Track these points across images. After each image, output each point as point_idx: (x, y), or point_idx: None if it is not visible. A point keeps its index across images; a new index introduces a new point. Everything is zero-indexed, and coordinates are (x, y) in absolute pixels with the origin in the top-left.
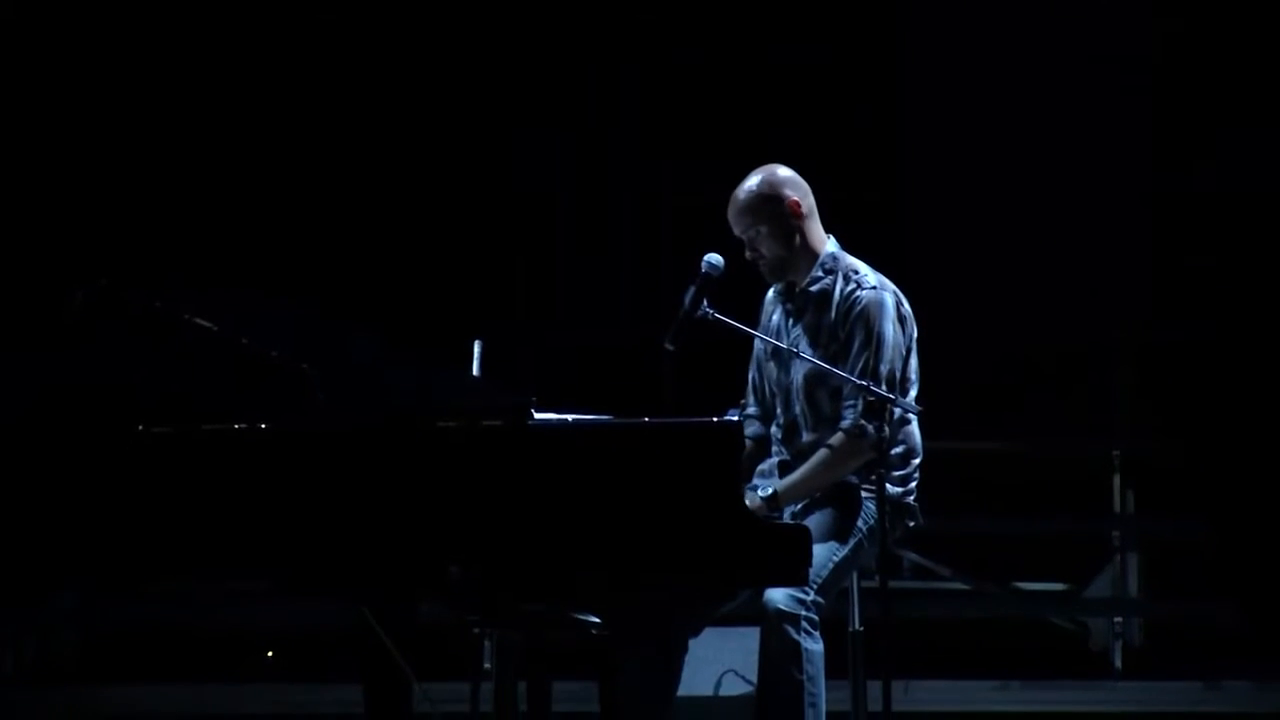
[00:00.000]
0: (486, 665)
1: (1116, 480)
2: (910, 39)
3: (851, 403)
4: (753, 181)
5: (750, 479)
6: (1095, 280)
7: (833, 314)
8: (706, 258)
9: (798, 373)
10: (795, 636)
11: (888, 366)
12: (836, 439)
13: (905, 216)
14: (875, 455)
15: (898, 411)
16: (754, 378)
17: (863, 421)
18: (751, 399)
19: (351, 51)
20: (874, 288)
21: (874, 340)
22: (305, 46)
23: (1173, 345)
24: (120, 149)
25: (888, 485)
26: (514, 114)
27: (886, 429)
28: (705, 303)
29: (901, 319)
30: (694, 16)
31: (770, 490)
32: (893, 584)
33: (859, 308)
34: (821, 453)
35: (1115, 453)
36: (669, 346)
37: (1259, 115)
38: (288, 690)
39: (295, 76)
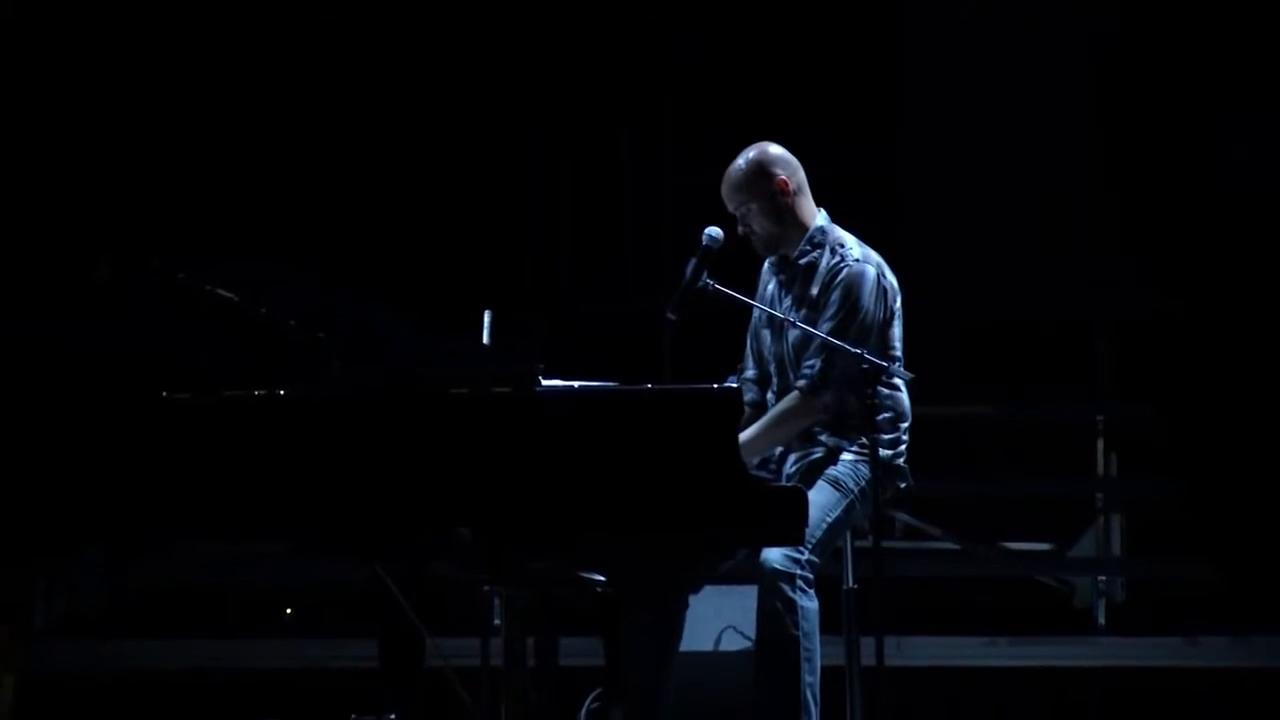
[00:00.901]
0: (496, 621)
1: (1100, 444)
2: (908, 16)
3: (811, 362)
4: (743, 160)
5: None
6: (1081, 253)
7: (817, 285)
8: (706, 231)
9: (789, 341)
10: (791, 594)
11: (858, 335)
12: (790, 396)
13: (902, 193)
14: (827, 416)
15: (884, 386)
16: (751, 345)
17: (819, 380)
18: (750, 364)
19: (362, 30)
20: (858, 260)
21: (849, 307)
22: (312, 24)
23: (1153, 317)
24: (144, 123)
25: (879, 448)
26: (529, 96)
27: (862, 396)
28: (705, 274)
29: (883, 291)
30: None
31: None
32: (885, 544)
33: (840, 278)
34: (773, 409)
35: (1099, 418)
36: (671, 316)
37: (1241, 99)
38: (306, 645)
39: (307, 53)
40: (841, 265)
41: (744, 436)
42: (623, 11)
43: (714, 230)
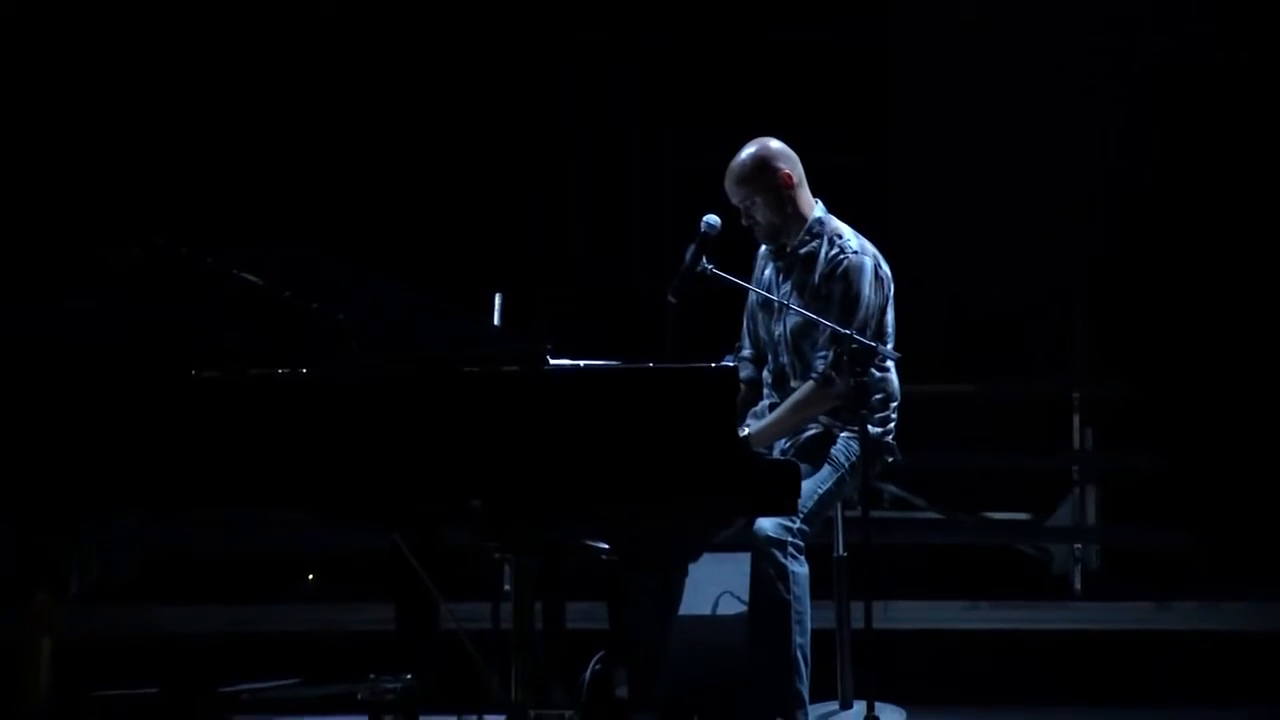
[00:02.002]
0: (506, 587)
1: (1076, 419)
2: (899, 6)
3: (824, 354)
4: (747, 155)
5: (744, 419)
6: (1057, 238)
7: (817, 274)
8: (705, 219)
9: (785, 326)
10: (783, 561)
11: (861, 324)
12: (807, 386)
13: (889, 183)
14: (841, 402)
15: (876, 369)
16: (748, 326)
17: (831, 372)
18: (747, 344)
19: (374, 17)
20: (856, 251)
21: (852, 299)
22: (323, 6)
23: (1128, 298)
24: (167, 107)
25: (869, 426)
26: (532, 85)
27: (853, 376)
28: (704, 259)
29: (879, 279)
30: None
31: (745, 432)
32: (873, 514)
33: (841, 269)
34: (791, 397)
35: (1075, 394)
36: (671, 299)
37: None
38: (326, 609)
39: (320, 36)
40: (841, 256)
41: (763, 423)
42: (623, 8)
43: (712, 218)
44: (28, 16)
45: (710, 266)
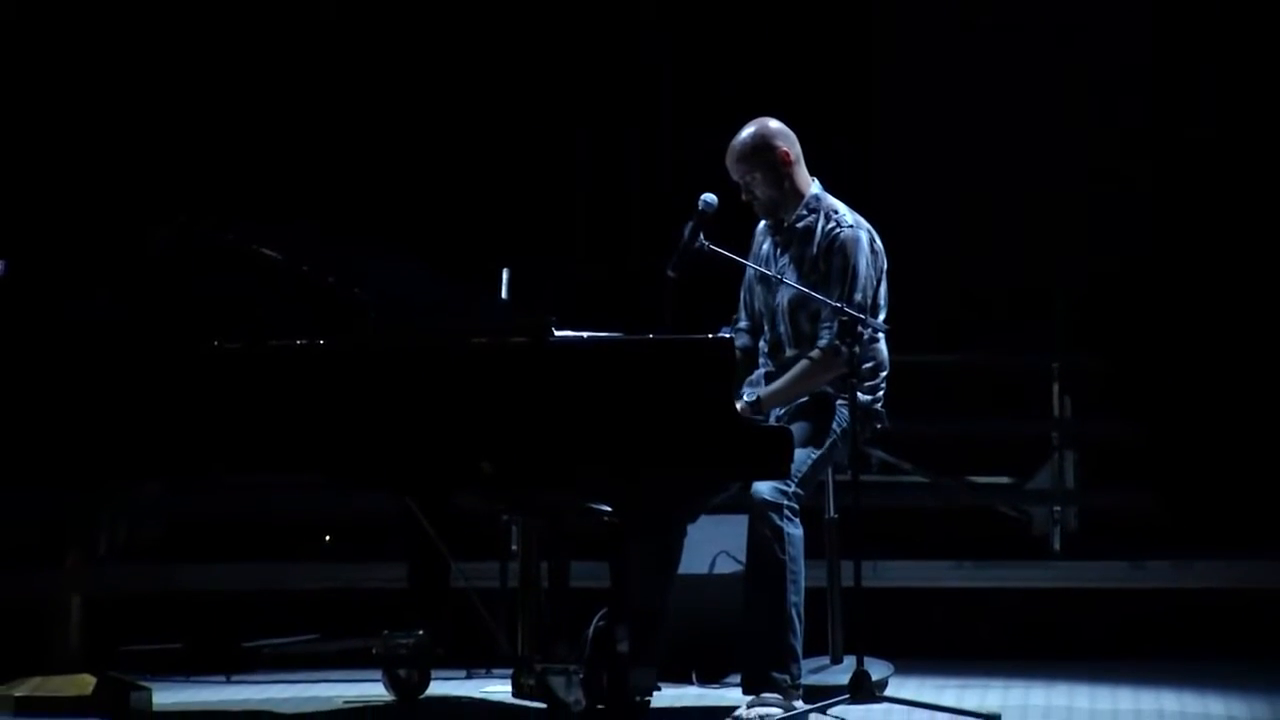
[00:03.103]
0: (514, 547)
1: (1056, 388)
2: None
3: (828, 325)
4: (747, 134)
5: (740, 388)
6: (1037, 219)
7: (814, 248)
8: (703, 197)
9: (782, 297)
10: (779, 523)
11: (860, 294)
12: (814, 355)
13: (877, 162)
14: (847, 370)
15: (868, 331)
16: (745, 298)
17: (837, 341)
18: (743, 315)
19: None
20: (851, 226)
21: (849, 272)
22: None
23: (1104, 274)
24: (192, 91)
25: (859, 394)
26: (538, 80)
27: (858, 347)
28: (702, 236)
29: (874, 253)
30: None
31: (755, 396)
32: (863, 478)
33: (837, 243)
34: (800, 365)
35: (1054, 365)
36: (670, 273)
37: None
38: (343, 569)
39: (333, 20)
40: (836, 230)
41: (772, 388)
42: (624, 7)
43: (709, 196)
44: (30, 16)
45: (707, 243)
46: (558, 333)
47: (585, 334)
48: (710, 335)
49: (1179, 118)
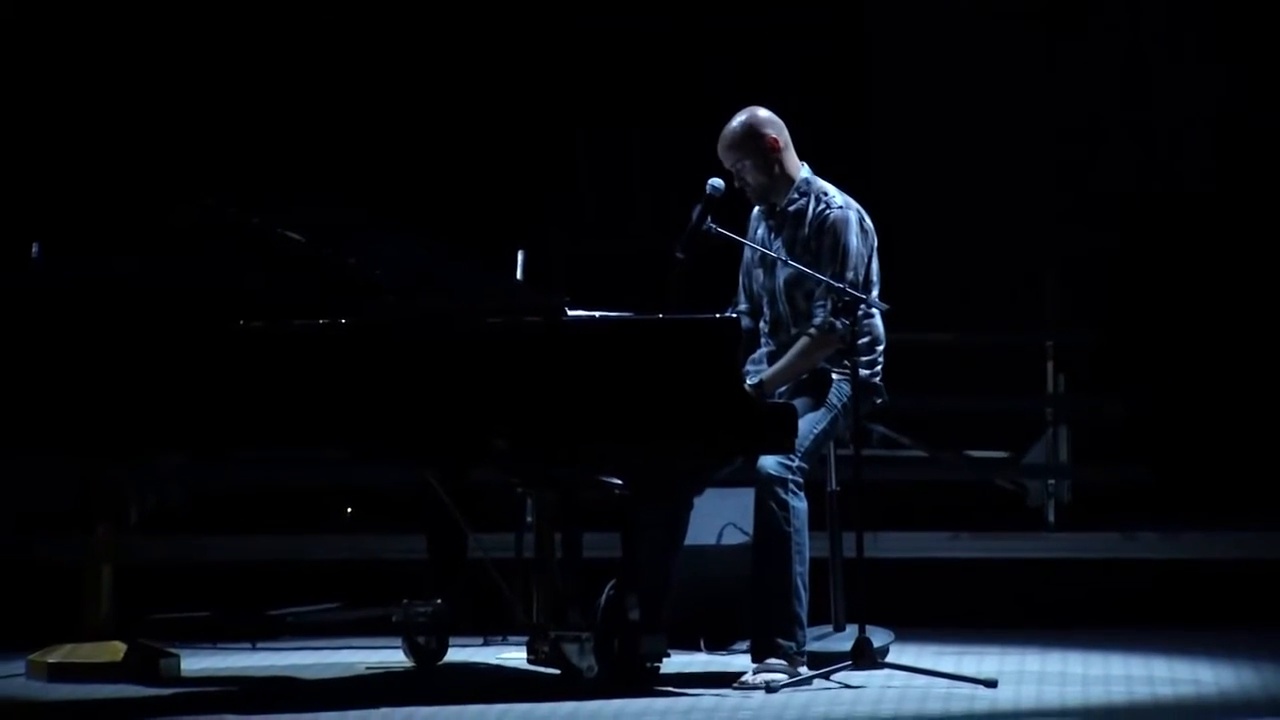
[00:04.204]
0: (528, 519)
1: (1050, 366)
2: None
3: (822, 303)
4: (737, 122)
5: (744, 367)
6: (1030, 201)
7: (806, 229)
8: (710, 181)
9: (780, 278)
10: (784, 495)
11: (852, 272)
12: (810, 333)
13: (872, 149)
14: (843, 346)
15: (863, 307)
16: (744, 281)
17: (831, 319)
18: (743, 298)
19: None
20: (840, 207)
21: (840, 250)
22: None
23: (1096, 255)
24: (215, 71)
25: (858, 369)
26: (550, 69)
27: (852, 324)
28: (709, 219)
29: (864, 231)
30: None
31: (758, 380)
32: (864, 452)
33: (828, 223)
34: (797, 345)
35: (1048, 343)
36: (679, 255)
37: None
38: (363, 539)
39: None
40: (827, 212)
41: (771, 371)
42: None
43: (716, 181)
44: (68, 8)
45: (714, 226)
46: (570, 312)
47: (597, 313)
48: (717, 314)
49: (1172, 96)
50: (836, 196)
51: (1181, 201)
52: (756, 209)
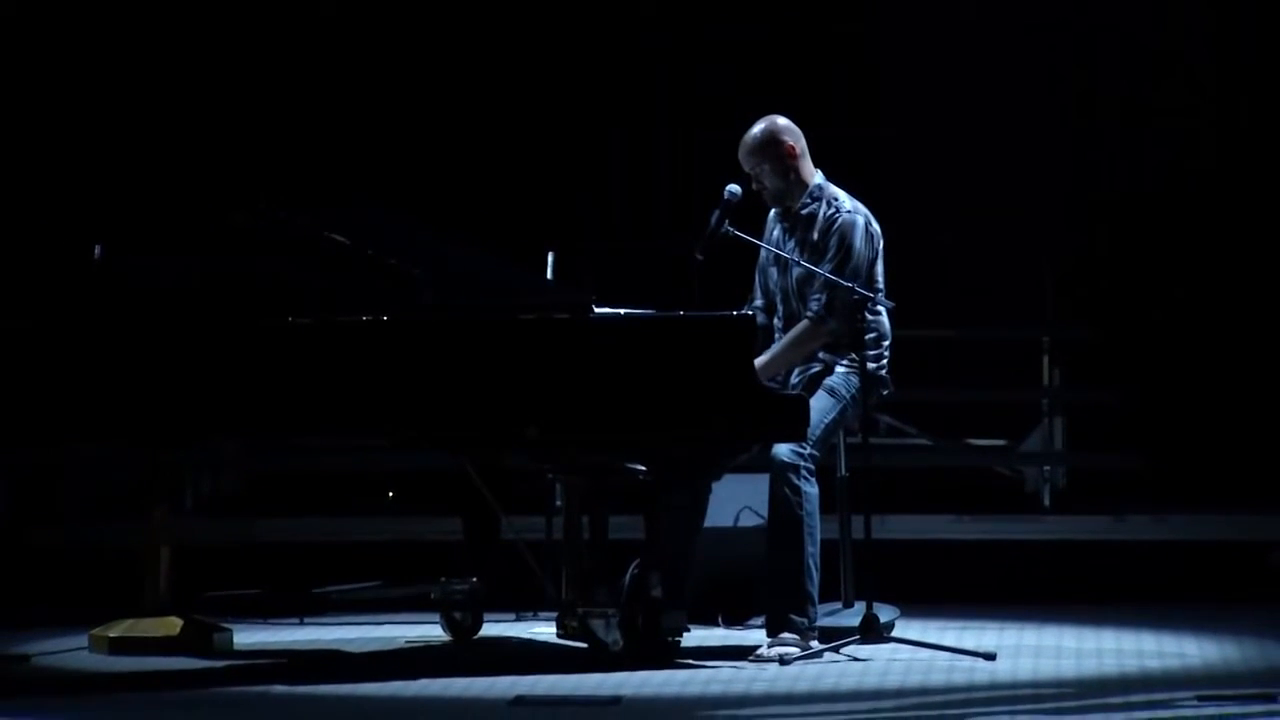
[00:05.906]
0: (558, 503)
1: (1046, 359)
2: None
3: (818, 296)
4: (757, 130)
5: None
6: (1029, 202)
7: (816, 231)
8: (728, 187)
9: (792, 277)
10: (797, 481)
11: (854, 272)
12: (803, 323)
13: (881, 153)
14: (833, 338)
15: (869, 313)
16: (760, 280)
17: (824, 311)
18: (759, 296)
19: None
20: (849, 211)
21: (844, 250)
22: None
23: (1091, 256)
24: (264, 78)
25: (866, 363)
26: (579, 75)
27: (853, 323)
28: (727, 222)
29: (870, 235)
30: None
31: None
32: (871, 440)
33: (836, 226)
34: (791, 332)
35: (1045, 338)
36: (699, 256)
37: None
38: (403, 521)
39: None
40: (836, 215)
41: (764, 358)
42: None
43: (734, 187)
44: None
45: (732, 229)
46: (597, 309)
47: (622, 310)
48: (734, 312)
49: (1167, 90)
50: (846, 201)
51: (1172, 203)
52: (773, 212)
